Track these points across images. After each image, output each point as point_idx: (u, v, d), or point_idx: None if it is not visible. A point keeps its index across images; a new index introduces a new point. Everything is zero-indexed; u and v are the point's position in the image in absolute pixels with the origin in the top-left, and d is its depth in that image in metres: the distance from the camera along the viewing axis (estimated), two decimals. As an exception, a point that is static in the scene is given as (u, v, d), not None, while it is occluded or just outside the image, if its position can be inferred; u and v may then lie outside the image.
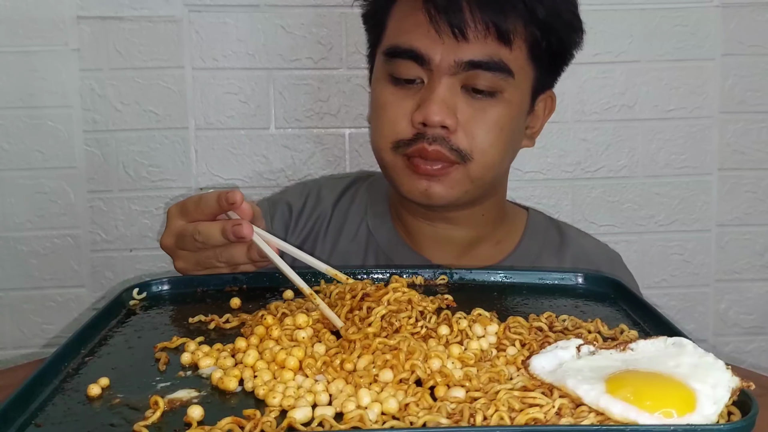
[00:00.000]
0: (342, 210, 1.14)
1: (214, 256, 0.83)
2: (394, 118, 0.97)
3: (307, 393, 0.58)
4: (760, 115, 1.43)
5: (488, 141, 0.96)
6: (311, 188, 1.18)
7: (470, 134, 0.95)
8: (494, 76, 0.95)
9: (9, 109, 1.34)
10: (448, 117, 0.94)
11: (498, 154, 0.98)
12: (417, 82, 0.97)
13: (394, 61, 0.97)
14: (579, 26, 1.02)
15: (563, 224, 1.17)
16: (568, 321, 0.73)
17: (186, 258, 0.86)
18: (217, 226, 0.81)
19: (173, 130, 1.37)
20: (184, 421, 0.55)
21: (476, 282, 0.86)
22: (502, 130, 0.97)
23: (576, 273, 0.86)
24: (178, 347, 0.68)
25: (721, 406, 0.53)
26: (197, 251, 0.84)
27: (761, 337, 1.49)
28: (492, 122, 0.96)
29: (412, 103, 0.96)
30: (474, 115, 0.95)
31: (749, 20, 1.40)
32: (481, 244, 1.08)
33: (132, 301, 0.80)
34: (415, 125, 0.95)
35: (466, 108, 0.95)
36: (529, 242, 1.10)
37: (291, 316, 0.71)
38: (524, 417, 0.53)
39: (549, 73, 1.03)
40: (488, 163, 0.97)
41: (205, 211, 0.83)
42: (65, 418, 0.56)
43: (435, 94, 0.94)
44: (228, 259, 0.83)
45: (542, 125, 1.08)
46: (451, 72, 0.94)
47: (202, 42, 1.36)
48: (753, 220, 1.46)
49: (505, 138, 0.98)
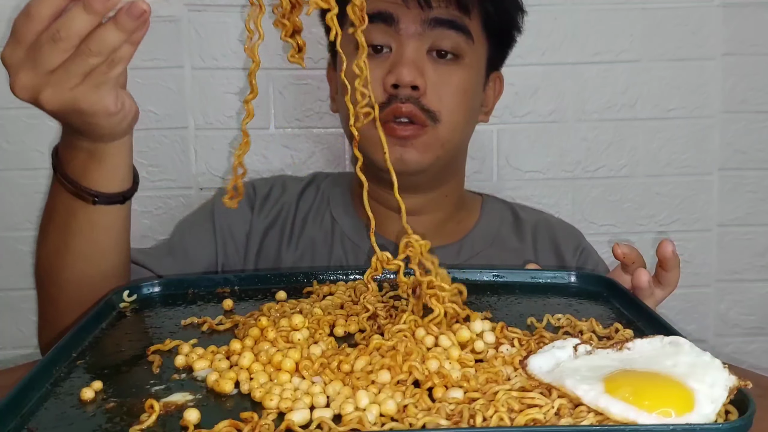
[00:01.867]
0: (307, 201, 1.18)
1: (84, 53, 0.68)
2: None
3: (305, 395, 0.58)
4: (762, 114, 1.43)
5: (454, 102, 1.03)
6: (275, 180, 1.20)
7: (438, 96, 1.01)
8: (457, 36, 1.01)
9: (9, 109, 1.34)
10: (418, 77, 0.99)
11: (462, 116, 1.05)
12: (385, 51, 1.02)
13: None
14: (521, 7, 1.11)
15: (518, 205, 1.24)
16: (563, 320, 0.73)
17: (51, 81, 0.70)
18: (78, 6, 0.66)
19: (173, 130, 1.37)
20: (181, 424, 0.54)
21: (468, 281, 0.86)
22: (466, 93, 1.04)
23: (569, 272, 0.86)
24: (171, 350, 0.68)
25: (719, 405, 0.53)
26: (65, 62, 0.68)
27: (762, 337, 1.49)
28: (456, 85, 1.03)
29: (383, 71, 1.01)
30: (440, 79, 1.02)
31: (751, 19, 1.40)
32: (445, 225, 1.14)
33: (122, 303, 0.80)
34: (387, 88, 1.00)
35: (433, 72, 1.02)
36: (487, 220, 1.17)
37: (286, 317, 0.71)
38: (524, 417, 0.53)
39: (498, 50, 1.11)
40: (455, 124, 1.04)
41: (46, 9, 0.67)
42: (59, 422, 0.56)
43: (405, 56, 1.00)
44: (101, 46, 0.68)
45: (494, 105, 1.16)
46: (418, 33, 1.00)
47: (202, 42, 1.36)
48: (754, 220, 1.46)
49: (468, 101, 1.05)
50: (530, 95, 1.40)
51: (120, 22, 0.67)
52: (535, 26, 1.34)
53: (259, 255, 1.12)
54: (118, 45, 0.68)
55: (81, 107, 0.73)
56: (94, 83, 0.71)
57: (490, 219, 1.17)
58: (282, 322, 0.70)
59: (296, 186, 1.19)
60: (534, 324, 0.73)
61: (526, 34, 1.15)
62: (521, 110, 1.41)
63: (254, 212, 1.15)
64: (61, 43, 0.67)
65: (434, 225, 1.12)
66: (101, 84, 0.72)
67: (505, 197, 1.37)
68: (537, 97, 1.41)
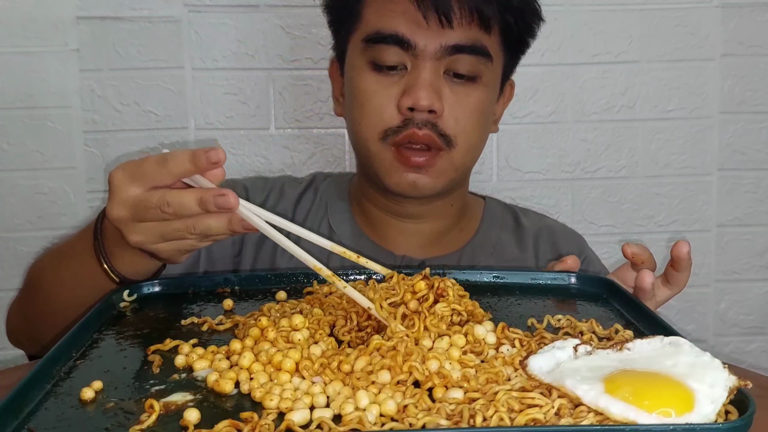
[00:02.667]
0: (303, 209, 1.13)
1: (185, 228, 0.72)
2: (380, 105, 0.98)
3: (305, 395, 0.58)
4: (760, 115, 1.43)
5: (471, 124, 0.99)
6: (273, 184, 1.16)
7: (455, 118, 0.97)
8: (476, 60, 0.97)
9: (9, 109, 1.34)
10: (436, 101, 0.96)
11: (478, 138, 1.02)
12: (399, 68, 0.98)
13: (376, 47, 0.97)
14: (540, 14, 1.06)
15: (520, 209, 1.21)
16: (563, 320, 0.73)
17: (146, 231, 0.74)
18: (192, 196, 0.71)
19: (173, 131, 1.37)
20: (181, 424, 0.54)
21: (469, 282, 0.86)
22: (482, 114, 1.01)
23: (569, 273, 0.86)
24: (171, 349, 0.68)
25: (719, 405, 0.53)
26: (162, 223, 0.73)
27: (761, 337, 1.49)
28: (474, 106, 0.99)
29: (397, 90, 0.97)
30: (458, 100, 0.98)
31: (749, 20, 1.40)
32: (446, 235, 1.10)
33: (122, 302, 0.80)
34: (403, 111, 0.96)
35: (450, 93, 0.98)
36: (488, 227, 1.13)
37: (286, 317, 0.71)
38: (524, 417, 0.53)
39: (512, 60, 1.07)
40: (470, 148, 1.01)
41: (173, 172, 0.72)
42: (59, 422, 0.56)
43: (421, 78, 0.95)
44: (204, 230, 0.72)
45: (503, 110, 1.12)
46: (436, 57, 0.96)
47: (202, 42, 1.36)
48: (753, 220, 1.46)
49: (484, 122, 1.02)
50: (530, 96, 1.40)
51: (233, 224, 0.71)
52: (534, 27, 1.35)
53: (254, 266, 1.09)
54: (219, 234, 0.73)
55: (160, 257, 0.78)
56: (180, 249, 0.77)
57: (491, 226, 1.14)
58: (282, 322, 0.70)
59: (294, 190, 1.16)
60: (534, 325, 0.73)
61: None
62: (521, 111, 1.41)
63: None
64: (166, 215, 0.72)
65: (435, 234, 1.09)
66: (186, 251, 0.78)
67: (504, 198, 1.37)
68: (537, 98, 1.41)
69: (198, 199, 0.70)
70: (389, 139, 0.98)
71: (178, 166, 0.71)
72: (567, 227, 1.22)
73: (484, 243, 1.11)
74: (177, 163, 0.71)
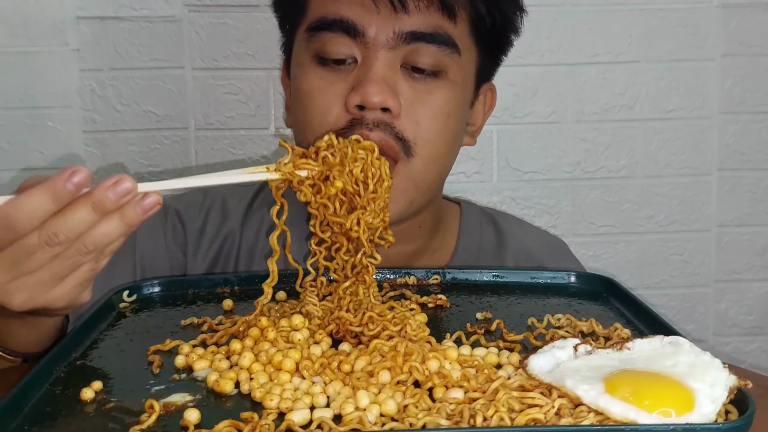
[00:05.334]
0: (253, 227, 0.96)
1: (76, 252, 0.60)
2: (324, 105, 0.82)
3: (305, 395, 0.58)
4: (760, 115, 1.43)
5: (435, 128, 0.83)
6: (213, 200, 0.97)
7: (415, 120, 0.82)
8: (439, 51, 0.82)
9: (9, 109, 1.34)
10: (390, 97, 0.80)
11: (443, 145, 0.85)
12: (348, 62, 0.83)
13: (320, 35, 0.83)
14: (521, 4, 0.91)
15: (499, 217, 1.05)
16: (563, 320, 0.74)
17: (29, 284, 0.61)
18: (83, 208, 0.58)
19: (173, 131, 1.37)
20: (181, 424, 0.54)
21: (469, 282, 0.86)
22: (450, 117, 0.85)
23: (568, 272, 0.86)
24: (171, 350, 0.68)
25: (719, 405, 0.53)
26: (50, 263, 0.60)
27: (761, 337, 1.49)
28: (438, 107, 0.83)
29: (345, 86, 0.82)
30: (418, 98, 0.83)
31: (749, 20, 1.40)
32: (416, 260, 0.95)
33: (122, 303, 0.80)
34: (351, 109, 0.81)
35: (409, 89, 0.82)
36: (465, 248, 0.98)
37: (286, 317, 0.71)
38: (524, 417, 0.53)
39: (490, 58, 0.92)
40: (433, 157, 0.84)
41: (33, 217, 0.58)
42: (58, 422, 0.56)
43: (372, 71, 0.80)
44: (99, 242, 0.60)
45: (483, 123, 0.95)
46: (390, 45, 0.81)
47: (202, 42, 1.36)
48: (753, 220, 1.46)
49: (453, 127, 0.85)
50: (530, 96, 1.40)
51: (127, 216, 0.59)
52: (534, 27, 1.34)
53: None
54: (116, 239, 0.61)
55: (57, 306, 0.63)
56: (79, 281, 0.62)
57: (467, 248, 0.98)
58: (282, 322, 0.70)
59: (240, 203, 0.97)
60: (534, 324, 0.73)
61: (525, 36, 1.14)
62: (521, 111, 1.41)
63: (188, 256, 0.94)
64: (56, 247, 0.59)
65: (404, 260, 0.92)
66: (87, 282, 0.63)
67: (504, 198, 1.38)
68: (536, 98, 1.41)
69: (92, 205, 0.58)
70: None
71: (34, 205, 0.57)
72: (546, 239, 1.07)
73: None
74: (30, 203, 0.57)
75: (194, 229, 0.95)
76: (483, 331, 0.71)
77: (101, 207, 0.58)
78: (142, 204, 0.60)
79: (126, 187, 0.58)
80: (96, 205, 0.58)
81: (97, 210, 0.58)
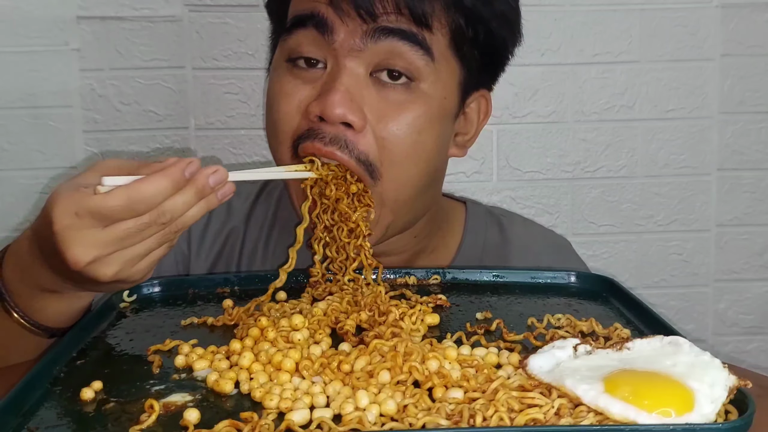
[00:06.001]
0: (257, 224, 0.95)
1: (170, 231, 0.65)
2: (287, 111, 0.79)
3: (305, 395, 0.58)
4: (760, 115, 1.43)
5: (403, 148, 0.78)
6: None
7: (381, 137, 0.77)
8: (412, 52, 0.76)
9: (10, 108, 1.34)
10: (352, 111, 0.75)
11: (415, 165, 0.79)
12: (319, 65, 0.79)
13: (294, 35, 0.79)
14: (515, 19, 0.85)
15: (504, 217, 1.02)
16: (563, 320, 0.74)
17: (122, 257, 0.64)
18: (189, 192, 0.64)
19: (173, 130, 1.37)
20: (181, 424, 0.54)
21: (469, 281, 0.86)
22: (421, 133, 0.78)
23: (568, 272, 0.87)
24: (171, 350, 0.68)
25: (718, 405, 0.53)
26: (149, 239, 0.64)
27: (760, 336, 1.49)
28: (408, 123, 0.78)
29: (311, 93, 0.78)
30: (386, 113, 0.77)
31: (749, 21, 1.40)
32: (416, 260, 0.93)
33: (122, 303, 0.80)
34: (311, 117, 0.77)
35: (377, 101, 0.77)
36: (469, 247, 0.96)
37: (286, 317, 0.71)
38: (524, 417, 0.53)
39: (481, 71, 0.85)
40: (403, 178, 0.79)
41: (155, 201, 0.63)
42: (59, 422, 0.56)
43: (338, 80, 0.76)
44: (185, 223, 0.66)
45: (477, 132, 0.89)
46: (358, 47, 0.76)
47: (202, 42, 1.36)
48: (752, 220, 1.46)
49: (425, 144, 0.79)
50: (530, 96, 1.41)
51: (210, 201, 0.66)
52: (534, 27, 1.34)
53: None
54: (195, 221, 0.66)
55: (134, 280, 0.68)
56: (159, 257, 0.67)
57: (472, 245, 0.96)
58: (282, 322, 0.70)
59: (244, 200, 0.97)
60: (534, 324, 0.73)
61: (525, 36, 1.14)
62: (521, 111, 1.41)
63: (192, 252, 0.95)
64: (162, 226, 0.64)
65: (402, 264, 0.90)
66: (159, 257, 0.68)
67: (504, 198, 1.38)
68: (537, 98, 1.41)
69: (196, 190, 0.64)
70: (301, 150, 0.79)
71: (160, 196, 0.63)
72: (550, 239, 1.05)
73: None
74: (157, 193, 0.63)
75: (198, 226, 0.95)
76: (483, 331, 0.72)
77: (202, 192, 0.65)
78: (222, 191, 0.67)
79: (223, 176, 0.66)
80: (199, 190, 0.64)
81: (198, 195, 0.64)
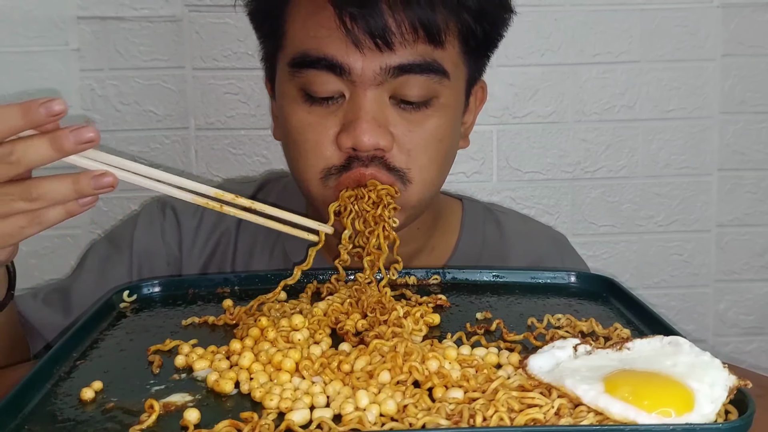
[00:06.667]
0: (249, 227, 0.96)
1: (20, 194, 0.60)
2: (317, 142, 0.82)
3: (305, 395, 0.58)
4: (761, 115, 1.43)
5: (427, 155, 0.84)
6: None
7: (407, 150, 0.83)
8: (428, 80, 0.81)
9: (9, 109, 1.34)
10: (381, 137, 0.80)
11: (437, 169, 0.86)
12: (336, 97, 0.82)
13: (305, 72, 0.82)
14: (508, 4, 0.89)
15: (502, 214, 1.06)
16: (563, 319, 0.74)
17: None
18: (42, 138, 0.59)
19: (173, 130, 1.37)
20: (181, 424, 0.55)
21: (469, 281, 0.86)
22: (442, 141, 0.85)
23: (568, 272, 0.87)
24: (171, 350, 0.68)
25: (719, 405, 0.53)
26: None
27: (761, 337, 1.49)
28: (430, 134, 0.83)
29: (335, 121, 0.82)
30: (410, 129, 0.82)
31: (750, 21, 1.40)
32: (416, 258, 0.97)
33: (122, 303, 0.80)
34: (344, 149, 0.81)
35: (400, 121, 0.82)
36: (467, 244, 0.99)
37: (286, 317, 0.71)
38: (524, 417, 0.53)
39: (479, 61, 0.91)
40: (427, 182, 0.85)
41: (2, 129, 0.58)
42: (59, 422, 0.56)
43: (363, 111, 0.80)
44: (42, 193, 0.61)
45: (475, 119, 0.95)
46: (377, 82, 0.80)
47: (202, 42, 1.36)
48: (753, 220, 1.46)
49: (445, 148, 0.86)
50: (530, 96, 1.40)
51: (81, 183, 0.61)
52: (534, 27, 1.34)
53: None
54: (61, 202, 0.61)
55: None
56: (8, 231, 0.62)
57: (469, 245, 0.99)
58: (282, 322, 0.70)
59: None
60: (534, 324, 0.73)
61: (525, 35, 1.14)
62: (521, 111, 1.41)
63: (184, 253, 0.96)
64: (7, 167, 0.59)
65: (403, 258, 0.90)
66: (9, 237, 0.63)
67: (504, 198, 1.38)
68: (537, 98, 1.41)
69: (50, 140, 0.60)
70: (332, 180, 0.83)
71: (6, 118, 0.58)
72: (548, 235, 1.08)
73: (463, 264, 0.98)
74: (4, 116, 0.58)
75: (190, 228, 0.97)
76: (483, 331, 0.72)
77: (58, 144, 0.59)
78: (99, 180, 0.61)
79: (89, 136, 0.60)
80: (54, 141, 0.59)
81: (54, 146, 0.59)
